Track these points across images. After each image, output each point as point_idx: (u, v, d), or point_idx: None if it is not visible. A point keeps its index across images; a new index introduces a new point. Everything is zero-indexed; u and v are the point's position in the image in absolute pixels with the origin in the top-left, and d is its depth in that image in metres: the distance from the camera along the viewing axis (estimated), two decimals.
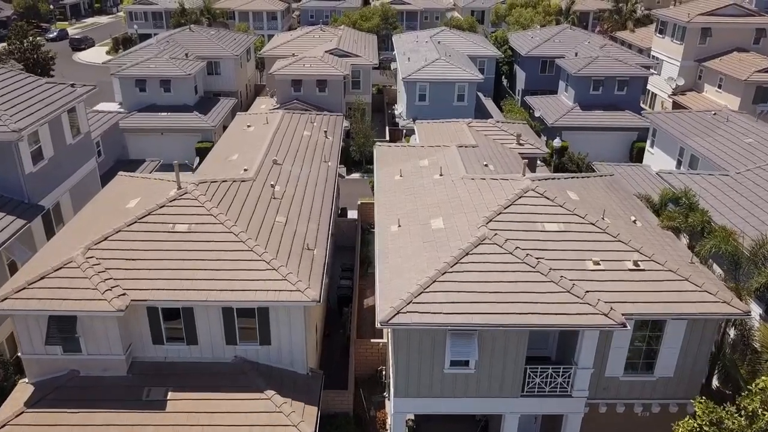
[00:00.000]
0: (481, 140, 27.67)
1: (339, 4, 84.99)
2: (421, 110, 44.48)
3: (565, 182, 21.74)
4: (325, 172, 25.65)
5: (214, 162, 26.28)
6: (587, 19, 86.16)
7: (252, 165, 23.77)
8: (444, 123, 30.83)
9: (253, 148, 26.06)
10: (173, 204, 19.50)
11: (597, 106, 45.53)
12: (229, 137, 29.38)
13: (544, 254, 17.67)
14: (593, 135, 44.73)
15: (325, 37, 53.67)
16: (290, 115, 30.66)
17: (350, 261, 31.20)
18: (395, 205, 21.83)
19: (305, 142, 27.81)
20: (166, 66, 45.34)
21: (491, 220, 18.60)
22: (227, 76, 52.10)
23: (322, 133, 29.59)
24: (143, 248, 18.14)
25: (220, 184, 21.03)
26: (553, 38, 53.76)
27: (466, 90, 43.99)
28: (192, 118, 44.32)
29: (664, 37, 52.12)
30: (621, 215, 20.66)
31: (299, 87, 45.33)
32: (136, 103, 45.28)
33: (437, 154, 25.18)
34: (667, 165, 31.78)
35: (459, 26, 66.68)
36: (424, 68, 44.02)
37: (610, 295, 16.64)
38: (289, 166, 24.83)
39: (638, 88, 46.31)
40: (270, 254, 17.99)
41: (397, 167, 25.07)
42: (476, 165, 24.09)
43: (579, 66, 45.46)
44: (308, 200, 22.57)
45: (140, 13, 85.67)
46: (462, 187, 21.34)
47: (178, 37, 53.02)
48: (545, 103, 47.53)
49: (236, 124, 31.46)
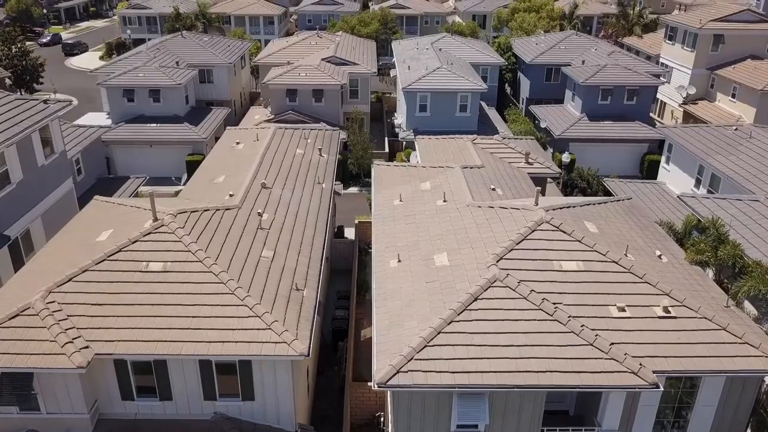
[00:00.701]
0: (486, 160, 25.70)
1: (337, 9, 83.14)
2: (422, 121, 42.55)
3: (581, 211, 19.74)
4: (318, 196, 23.66)
5: (198, 184, 24.30)
6: (591, 23, 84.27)
7: (238, 189, 21.80)
8: (447, 139, 28.86)
9: (241, 169, 24.09)
10: (147, 238, 17.51)
11: (606, 116, 43.58)
12: (216, 155, 27.41)
13: (562, 298, 15.67)
14: (602, 147, 42.78)
15: (322, 43, 51.73)
16: (282, 132, 28.69)
17: (346, 286, 29.24)
18: (394, 236, 19.84)
19: (297, 162, 25.83)
20: (155, 75, 43.39)
21: (502, 258, 16.61)
22: (220, 85, 50.18)
23: (316, 151, 27.61)
24: (112, 291, 16.15)
25: (202, 213, 19.05)
26: (559, 45, 51.82)
27: (469, 100, 42.03)
28: (182, 130, 42.36)
29: (674, 43, 50.18)
30: (644, 248, 18.67)
31: (294, 97, 43.38)
32: (123, 113, 43.33)
33: (440, 176, 23.19)
34: (684, 183, 29.83)
35: (460, 32, 64.75)
36: (425, 77, 42.06)
37: (638, 348, 14.64)
38: (279, 189, 22.84)
39: (648, 97, 44.36)
40: (254, 298, 15.99)
41: (397, 190, 23.10)
42: (483, 189, 22.11)
43: (587, 75, 43.51)
44: (299, 229, 20.58)
45: (134, 18, 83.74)
46: (468, 217, 19.36)
47: (169, 44, 51.08)
48: (551, 113, 45.57)
49: (225, 140, 29.49)
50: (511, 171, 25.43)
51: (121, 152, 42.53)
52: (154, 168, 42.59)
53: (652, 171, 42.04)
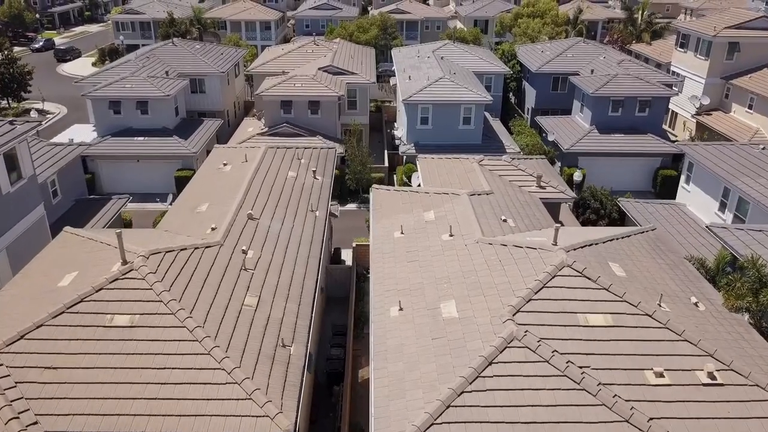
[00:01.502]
0: (495, 184, 23.56)
1: (336, 13, 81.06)
2: (424, 134, 40.45)
3: (605, 249, 17.60)
4: (311, 225, 21.51)
5: (180, 212, 22.15)
6: (596, 28, 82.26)
7: (222, 221, 19.67)
8: (451, 160, 26.74)
9: (227, 196, 21.96)
10: (114, 285, 15.35)
11: (616, 128, 41.45)
12: (201, 178, 25.26)
13: (590, 361, 13.53)
14: (613, 161, 40.64)
15: (319, 51, 49.63)
16: (273, 151, 26.56)
17: (343, 317, 27.07)
18: (395, 276, 17.69)
19: (289, 186, 23.69)
20: (143, 86, 41.26)
21: (519, 311, 14.46)
22: (213, 95, 48.08)
23: (310, 173, 25.47)
24: (70, 351, 13.99)
25: (178, 253, 16.89)
26: (566, 53, 49.72)
27: (473, 112, 39.92)
28: (171, 144, 40.22)
29: (686, 51, 48.09)
30: (678, 294, 16.53)
31: (289, 109, 41.27)
32: (109, 126, 41.18)
33: (445, 204, 21.06)
34: (707, 207, 27.72)
35: (463, 38, 62.67)
36: (427, 88, 39.94)
37: (682, 425, 12.49)
38: (268, 220, 20.70)
39: (661, 109, 42.26)
40: (232, 360, 13.82)
41: (398, 219, 20.98)
42: (493, 221, 19.97)
43: (597, 85, 41.39)
44: (288, 268, 18.42)
45: (127, 24, 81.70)
46: (478, 256, 17.22)
47: (159, 53, 48.98)
48: (559, 125, 43.44)
49: (212, 160, 27.35)
50: (523, 197, 23.29)
51: (107, 167, 40.41)
52: (142, 184, 40.54)
53: (666, 187, 39.98)
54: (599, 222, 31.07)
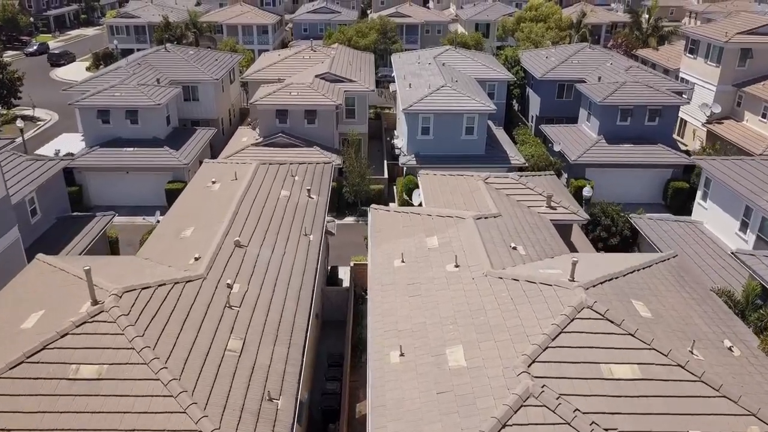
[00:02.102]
0: (503, 204, 21.94)
1: (334, 17, 79.57)
2: (425, 145, 38.86)
3: (626, 284, 15.98)
4: (305, 251, 19.88)
5: (163, 237, 20.52)
6: (599, 32, 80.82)
7: (207, 249, 18.06)
8: (455, 176, 25.11)
9: (213, 219, 20.35)
10: (82, 330, 13.73)
11: (625, 138, 39.83)
12: (188, 198, 23.63)
13: (616, 421, 11.92)
14: (621, 173, 39.06)
15: (316, 57, 48.05)
16: (265, 168, 24.94)
17: (339, 342, 25.45)
18: (395, 314, 16.07)
19: (281, 208, 22.06)
20: (133, 94, 39.63)
21: (535, 361, 12.85)
22: (206, 103, 46.47)
23: (304, 192, 23.84)
24: (28, 409, 12.38)
25: (155, 290, 15.27)
26: (571, 59, 48.13)
27: (476, 122, 38.33)
28: (161, 155, 38.60)
29: (696, 57, 46.49)
30: (710, 336, 14.92)
31: (285, 118, 39.65)
32: (98, 136, 39.55)
33: (450, 229, 19.44)
34: (727, 226, 26.11)
35: (464, 43, 61.09)
36: (428, 97, 38.34)
37: None
38: (257, 246, 19.08)
39: (672, 118, 40.66)
40: (212, 419, 12.19)
41: (398, 245, 19.37)
42: (501, 248, 18.36)
43: (604, 93, 39.79)
44: (278, 303, 16.80)
45: (122, 27, 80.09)
46: (487, 292, 15.60)
47: (151, 59, 47.39)
48: (565, 135, 41.84)
49: (200, 177, 25.73)
50: (532, 219, 21.67)
51: (95, 179, 38.79)
52: (132, 196, 38.94)
53: (678, 199, 38.42)
54: (610, 240, 29.48)
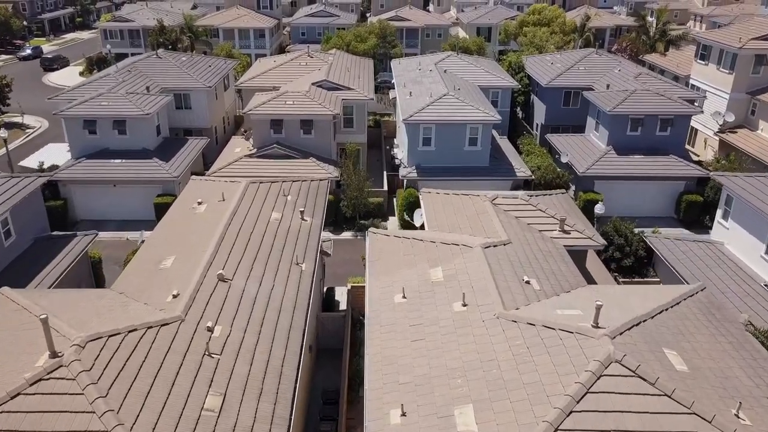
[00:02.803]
0: (512, 229, 20.18)
1: (333, 21, 77.91)
2: (426, 156, 37.10)
3: (655, 327, 14.21)
4: (295, 285, 18.08)
5: (142, 267, 18.72)
6: (603, 36, 79.15)
7: (187, 284, 16.29)
8: (460, 196, 23.32)
9: (197, 247, 18.59)
10: (35, 389, 11.97)
11: (635, 149, 38.05)
12: (171, 221, 21.86)
13: None
14: (632, 185, 37.28)
15: (313, 64, 46.31)
16: (255, 187, 23.18)
17: (335, 373, 23.66)
18: (396, 361, 14.30)
19: (271, 233, 20.28)
20: (121, 103, 37.87)
21: (558, 429, 11.08)
22: (199, 111, 44.71)
23: (297, 214, 22.06)
24: None
25: (125, 337, 13.50)
26: (577, 65, 46.38)
27: (480, 132, 36.59)
28: (151, 167, 36.82)
29: (707, 63, 44.77)
30: (752, 390, 13.14)
31: (280, 128, 37.90)
32: (84, 147, 37.74)
33: (455, 259, 17.68)
34: (751, 248, 24.33)
35: (466, 48, 59.34)
36: (429, 107, 36.60)
37: None
38: (243, 279, 17.30)
39: (684, 127, 38.88)
40: None
41: (399, 277, 17.62)
42: (513, 282, 16.59)
43: (614, 102, 38.04)
44: (264, 349, 15.01)
45: (115, 32, 78.38)
46: (499, 338, 13.84)
47: (142, 66, 45.65)
48: (572, 145, 40.08)
49: (186, 196, 23.97)
50: (545, 245, 19.90)
51: (81, 193, 37.00)
52: (119, 210, 37.20)
53: (691, 213, 36.67)
54: (624, 260, 27.72)
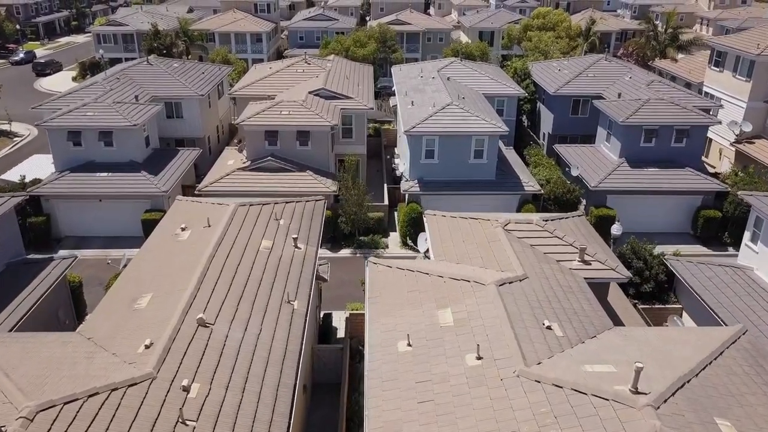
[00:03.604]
0: (527, 261, 18.21)
1: (332, 25, 75.99)
2: (429, 170, 35.17)
3: (701, 388, 12.23)
4: (286, 328, 16.08)
5: (115, 306, 16.74)
6: (609, 40, 77.32)
7: (162, 330, 14.33)
8: (468, 220, 21.32)
9: (177, 283, 16.62)
10: None
11: (649, 161, 36.15)
12: (151, 250, 19.88)
13: None
14: (646, 200, 35.38)
15: (311, 71, 44.38)
16: (245, 210, 21.20)
17: (332, 412, 21.68)
18: (401, 429, 12.31)
19: (260, 265, 18.30)
20: (107, 113, 35.92)
21: None
22: (191, 120, 42.79)
23: (290, 241, 20.09)
24: None
25: (83, 404, 11.52)
26: (586, 72, 44.48)
27: (486, 144, 34.66)
28: (138, 181, 34.86)
29: (723, 70, 42.87)
30: None
31: (275, 140, 35.97)
32: (69, 160, 35.79)
33: (467, 299, 15.71)
34: None
35: (469, 54, 57.41)
36: (432, 117, 34.67)
37: None
38: (226, 324, 15.31)
39: (701, 139, 36.96)
40: None
41: (403, 319, 15.65)
42: (532, 327, 14.63)
43: (627, 112, 36.11)
44: (248, 410, 13.01)
45: (109, 36, 76.41)
46: (522, 404, 11.86)
47: (132, 73, 43.74)
48: (582, 157, 38.13)
49: (170, 219, 22.01)
50: (564, 279, 17.92)
51: (65, 208, 35.06)
52: (106, 226, 35.29)
53: (709, 229, 34.74)
54: (643, 285, 25.76)
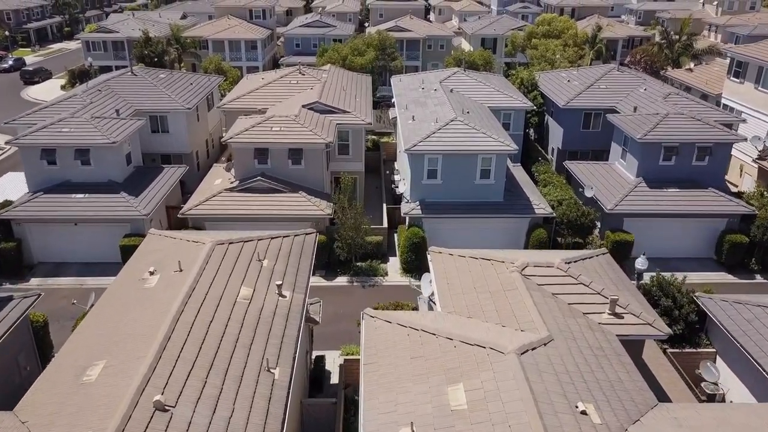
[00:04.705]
0: (551, 316, 15.52)
1: (329, 31, 73.47)
2: (432, 191, 32.53)
3: None
4: (263, 410, 13.33)
5: (59, 378, 14.02)
6: (615, 47, 74.85)
7: (111, 414, 11.63)
8: (479, 261, 18.62)
9: (136, 348, 13.91)
10: None
11: (669, 181, 33.55)
12: (111, 301, 17.15)
13: None
14: (666, 223, 32.78)
15: (305, 82, 41.73)
16: (223, 249, 18.49)
17: None
18: None
19: (237, 322, 15.59)
20: (84, 130, 33.26)
21: None
22: (178, 135, 40.13)
23: (273, 287, 17.39)
24: None
25: None
26: (598, 83, 41.90)
27: (494, 163, 32.03)
28: (117, 203, 32.16)
29: (743, 81, 40.31)
30: None
31: (265, 158, 33.34)
32: (43, 180, 33.12)
33: (482, 372, 13.02)
34: None
35: (472, 63, 54.81)
36: (435, 134, 32.04)
37: None
38: (190, 406, 12.58)
39: (724, 156, 34.32)
40: None
41: (405, 397, 12.95)
42: (565, 414, 11.93)
43: (644, 128, 33.50)
44: None
45: (98, 43, 73.90)
46: None
47: (115, 84, 41.09)
48: (596, 175, 35.49)
49: (138, 258, 19.32)
50: (594, 339, 15.23)
51: (38, 232, 32.39)
52: (82, 252, 32.69)
53: (734, 255, 32.08)
54: (673, 327, 23.01)
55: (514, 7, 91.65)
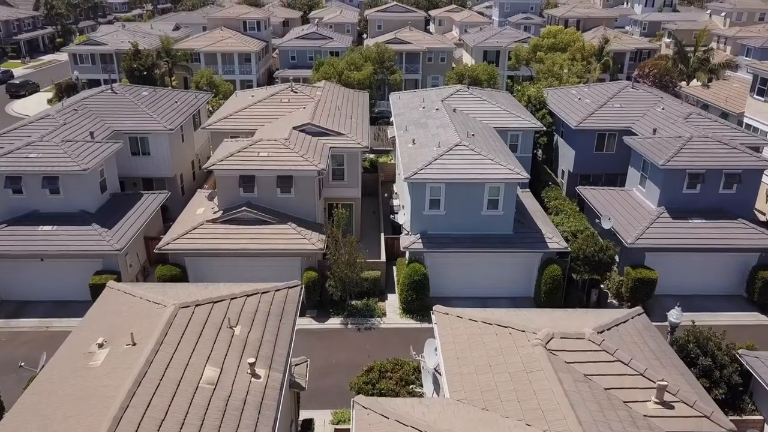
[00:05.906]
0: (584, 407, 12.52)
1: (326, 43, 70.88)
2: (434, 222, 29.58)
3: None
4: None
5: None
6: (623, 60, 72.21)
7: None
8: (495, 330, 15.58)
9: None
10: None
11: (694, 211, 30.68)
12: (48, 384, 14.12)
13: None
14: (692, 258, 29.83)
15: (297, 100, 38.80)
16: (188, 314, 15.46)
17: None
18: None
19: (198, 415, 12.56)
20: (54, 155, 30.38)
21: None
22: (160, 158, 37.25)
23: (245, 365, 14.33)
24: None
25: None
26: (611, 101, 39.04)
27: (502, 192, 29.09)
28: (88, 236, 29.26)
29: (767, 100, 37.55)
30: None
31: (252, 186, 30.43)
32: (8, 210, 30.27)
33: None
34: None
35: (476, 78, 51.98)
36: (438, 161, 29.14)
37: None
38: None
39: (755, 184, 31.37)
40: None
41: None
42: None
43: (667, 153, 30.63)
44: None
45: (86, 56, 71.23)
46: None
47: (93, 103, 38.22)
48: (613, 204, 32.58)
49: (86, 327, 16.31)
50: None
51: (1, 269, 29.43)
52: (49, 291, 29.88)
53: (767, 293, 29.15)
54: (713, 390, 20.02)
55: (516, 18, 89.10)
